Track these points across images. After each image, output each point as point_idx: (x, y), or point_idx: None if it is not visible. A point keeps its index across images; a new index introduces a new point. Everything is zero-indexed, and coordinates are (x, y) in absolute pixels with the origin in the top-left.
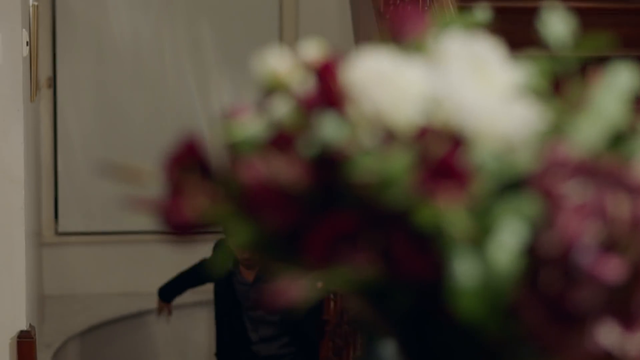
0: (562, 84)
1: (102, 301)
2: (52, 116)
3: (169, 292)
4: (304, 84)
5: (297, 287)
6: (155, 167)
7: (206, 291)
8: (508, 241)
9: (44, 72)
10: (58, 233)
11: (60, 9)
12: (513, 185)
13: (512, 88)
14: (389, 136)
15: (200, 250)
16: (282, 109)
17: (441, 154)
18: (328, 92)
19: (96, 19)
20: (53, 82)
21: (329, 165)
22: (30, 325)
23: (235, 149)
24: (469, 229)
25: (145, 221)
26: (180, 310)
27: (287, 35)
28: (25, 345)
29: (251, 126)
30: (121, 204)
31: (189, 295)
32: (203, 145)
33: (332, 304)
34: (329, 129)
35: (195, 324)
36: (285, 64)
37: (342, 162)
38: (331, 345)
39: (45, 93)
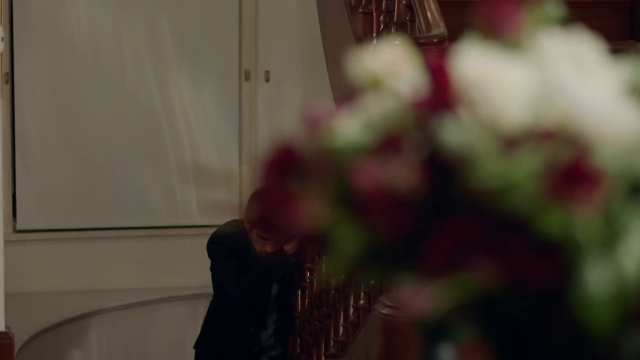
0: None
1: (63, 299)
2: (10, 112)
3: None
4: (412, 84)
5: (424, 297)
6: (247, 170)
7: (166, 289)
8: (637, 247)
9: (1, 67)
10: (16, 230)
11: (17, 4)
12: (636, 188)
13: (620, 86)
14: (511, 139)
15: (161, 246)
16: (380, 109)
17: (570, 157)
18: (443, 93)
19: (54, 13)
20: (10, 78)
21: (445, 170)
22: (7, 327)
23: (336, 154)
24: (600, 235)
25: (104, 217)
26: (141, 308)
27: (247, 29)
28: (4, 347)
29: (351, 130)
30: (209, 207)
31: (149, 293)
32: (300, 150)
33: (299, 300)
34: (451, 132)
35: (156, 322)
36: (383, 63)
37: (461, 167)
38: (299, 341)
39: (3, 88)
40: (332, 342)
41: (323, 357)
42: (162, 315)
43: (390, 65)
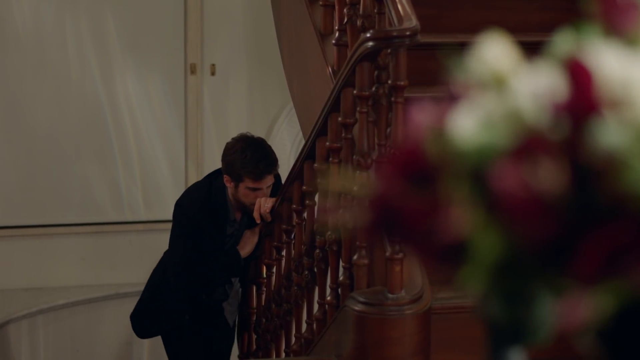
0: None
1: (7, 297)
2: None
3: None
4: (547, 84)
5: (583, 306)
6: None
7: (112, 285)
8: None
9: None
10: None
11: None
12: None
13: None
14: None
15: (107, 242)
16: (504, 109)
17: None
18: (587, 94)
19: None
20: None
21: (592, 173)
22: None
23: (467, 157)
24: None
25: (49, 214)
26: (88, 305)
27: (192, 22)
28: None
29: (470, 131)
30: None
31: (96, 290)
32: (425, 154)
33: (255, 295)
34: (603, 135)
35: (103, 319)
36: (505, 59)
37: (611, 170)
38: (255, 337)
39: None
40: (293, 339)
41: (283, 354)
42: (109, 312)
43: (512, 63)
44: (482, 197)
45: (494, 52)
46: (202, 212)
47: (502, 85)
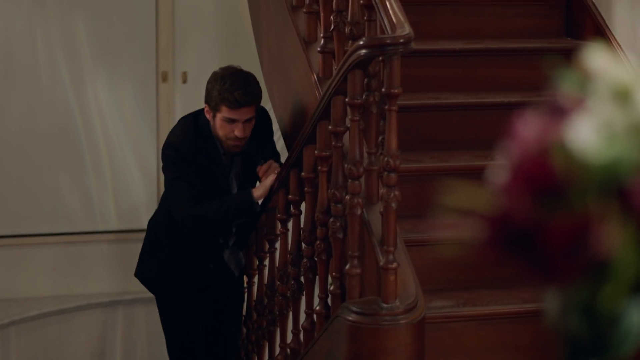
0: None
1: None
2: None
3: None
4: None
5: None
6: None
7: (84, 295)
8: None
9: None
10: None
11: None
12: None
13: None
14: None
15: (78, 252)
16: (625, 120)
17: None
18: None
19: None
20: None
21: None
22: None
23: (600, 172)
24: None
25: (19, 223)
26: (60, 316)
27: (163, 29)
28: None
29: (593, 145)
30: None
31: (67, 300)
32: (553, 169)
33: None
34: None
35: (75, 329)
36: (625, 70)
37: None
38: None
39: None
40: (278, 349)
41: None
42: (81, 323)
43: (634, 75)
44: (622, 213)
45: (609, 63)
46: (193, 143)
47: (626, 97)
